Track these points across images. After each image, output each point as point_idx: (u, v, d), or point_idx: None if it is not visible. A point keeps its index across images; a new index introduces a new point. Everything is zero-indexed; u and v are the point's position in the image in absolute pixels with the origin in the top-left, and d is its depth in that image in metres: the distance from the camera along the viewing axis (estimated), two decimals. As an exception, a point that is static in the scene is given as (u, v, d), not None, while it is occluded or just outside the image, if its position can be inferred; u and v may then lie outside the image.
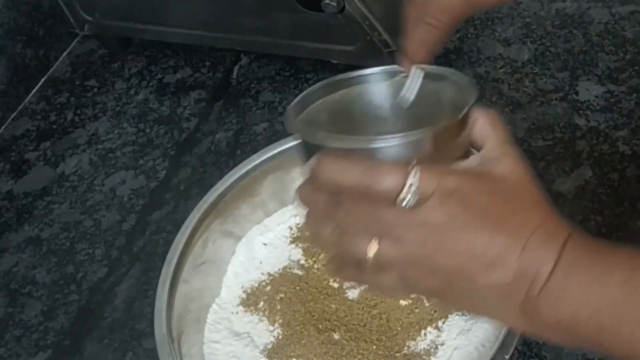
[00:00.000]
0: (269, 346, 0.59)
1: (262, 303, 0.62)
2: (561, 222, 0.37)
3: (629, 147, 0.70)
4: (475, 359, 0.54)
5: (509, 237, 0.36)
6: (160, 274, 0.59)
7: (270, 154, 0.65)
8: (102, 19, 0.88)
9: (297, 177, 0.63)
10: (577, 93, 0.77)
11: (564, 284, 0.35)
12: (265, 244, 0.66)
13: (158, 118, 0.85)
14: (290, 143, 0.64)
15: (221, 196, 0.63)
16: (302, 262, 0.64)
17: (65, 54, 0.96)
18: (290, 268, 0.64)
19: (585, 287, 0.34)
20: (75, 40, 0.97)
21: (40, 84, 0.93)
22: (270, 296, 0.62)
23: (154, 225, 0.73)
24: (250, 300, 0.62)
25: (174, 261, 0.59)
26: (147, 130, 0.84)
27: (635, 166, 0.69)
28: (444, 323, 0.58)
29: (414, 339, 0.57)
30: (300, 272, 0.63)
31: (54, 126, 0.87)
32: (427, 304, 0.59)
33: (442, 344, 0.57)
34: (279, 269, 0.64)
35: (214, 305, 0.62)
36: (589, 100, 0.75)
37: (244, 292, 0.63)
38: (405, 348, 0.57)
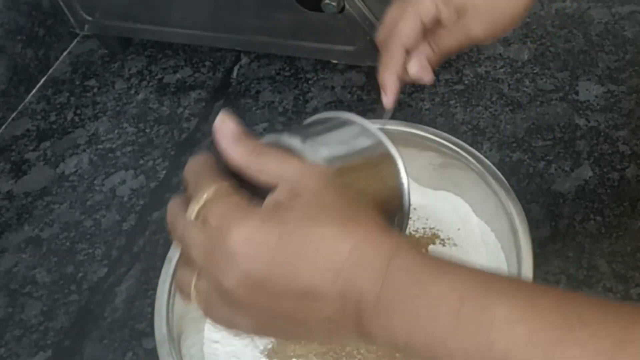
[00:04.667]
0: (269, 346, 0.59)
1: (262, 303, 0.62)
2: (382, 243, 0.34)
3: (629, 147, 0.70)
4: (475, 359, 0.54)
5: (313, 273, 0.33)
6: (160, 274, 0.59)
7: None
8: (102, 19, 0.88)
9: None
10: (577, 93, 0.77)
11: (393, 311, 0.33)
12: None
13: (158, 118, 0.85)
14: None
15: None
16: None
17: (65, 54, 0.96)
18: (290, 268, 0.64)
19: (414, 317, 0.32)
20: (75, 40, 0.97)
21: (40, 84, 0.93)
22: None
23: (154, 225, 0.73)
24: (250, 300, 0.62)
25: (174, 261, 0.59)
26: (147, 130, 0.84)
27: (635, 166, 0.69)
28: (444, 323, 0.58)
29: (414, 339, 0.57)
30: (300, 272, 0.63)
31: (54, 126, 0.87)
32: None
33: (442, 344, 0.57)
34: (279, 269, 0.64)
35: (214, 305, 0.62)
36: (589, 100, 0.75)
37: (244, 292, 0.63)
38: (405, 348, 0.57)
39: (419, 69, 0.53)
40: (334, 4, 0.71)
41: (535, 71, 0.79)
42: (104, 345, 0.65)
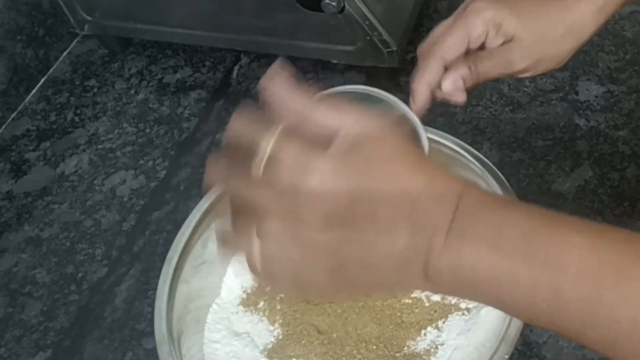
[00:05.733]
0: (269, 346, 0.59)
1: (262, 303, 0.62)
2: (451, 181, 0.36)
3: (629, 147, 0.70)
4: (475, 359, 0.54)
5: (391, 204, 0.34)
6: (160, 274, 0.59)
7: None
8: (102, 19, 0.88)
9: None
10: (577, 93, 0.77)
11: (462, 245, 0.34)
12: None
13: (158, 118, 0.85)
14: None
15: (221, 196, 0.63)
16: (302, 262, 0.64)
17: (65, 54, 0.96)
18: (290, 268, 0.64)
19: (483, 246, 0.33)
20: (75, 40, 0.97)
21: (40, 84, 0.93)
22: (270, 296, 0.62)
23: (154, 225, 0.73)
24: (250, 300, 0.62)
25: (174, 261, 0.59)
26: (147, 130, 0.84)
27: (635, 166, 0.69)
28: (444, 323, 0.58)
29: (414, 339, 0.57)
30: (300, 272, 0.63)
31: (54, 126, 0.87)
32: (427, 304, 0.59)
33: (442, 344, 0.57)
34: (279, 269, 0.64)
35: (214, 305, 0.62)
36: (589, 100, 0.75)
37: (244, 292, 0.63)
38: (405, 348, 0.57)
39: (453, 87, 0.52)
40: (334, 4, 0.71)
41: (535, 71, 0.79)
42: (104, 345, 0.65)
